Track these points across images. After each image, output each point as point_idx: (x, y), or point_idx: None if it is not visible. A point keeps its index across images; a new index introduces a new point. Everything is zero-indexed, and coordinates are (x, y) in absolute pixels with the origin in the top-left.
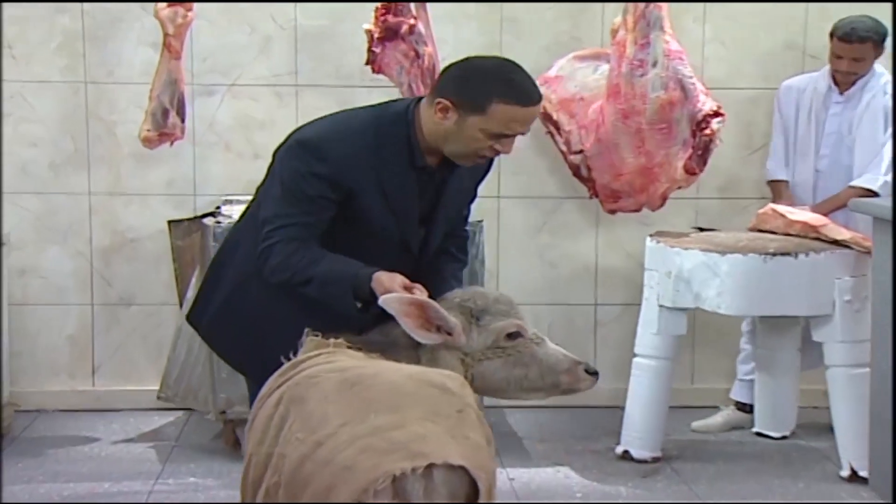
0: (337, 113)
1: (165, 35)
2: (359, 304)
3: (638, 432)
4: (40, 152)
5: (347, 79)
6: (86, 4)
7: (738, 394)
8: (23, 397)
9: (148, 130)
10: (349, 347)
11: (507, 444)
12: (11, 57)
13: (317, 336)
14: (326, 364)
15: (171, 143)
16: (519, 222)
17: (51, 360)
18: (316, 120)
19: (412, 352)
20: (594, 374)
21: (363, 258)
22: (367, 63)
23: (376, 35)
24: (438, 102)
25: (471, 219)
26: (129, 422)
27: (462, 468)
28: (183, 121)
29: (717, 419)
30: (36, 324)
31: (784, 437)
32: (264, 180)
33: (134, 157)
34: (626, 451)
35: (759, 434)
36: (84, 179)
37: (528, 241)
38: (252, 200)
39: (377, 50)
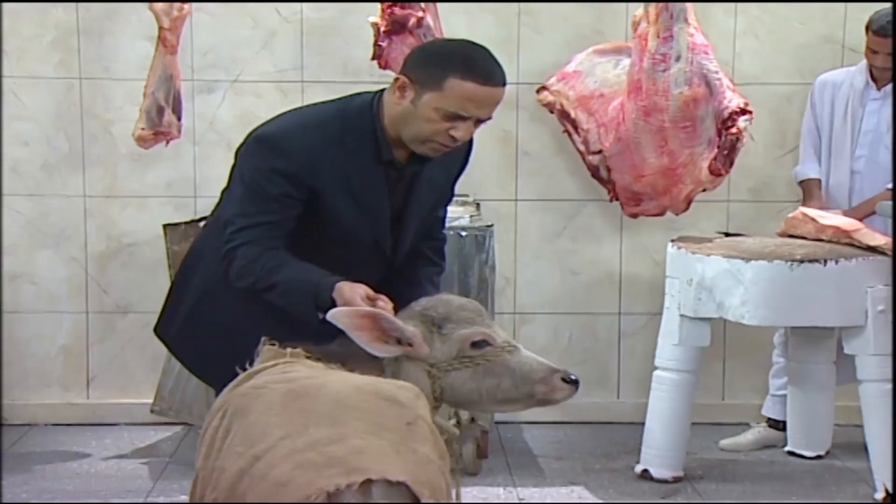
0: (299, 108)
1: (160, 29)
2: (321, 315)
3: (658, 450)
4: (33, 152)
5: (355, 74)
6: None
7: (770, 410)
8: (13, 410)
9: (142, 129)
10: (308, 357)
11: (521, 461)
12: (3, 51)
13: (274, 345)
14: (278, 374)
15: (167, 143)
16: (537, 226)
17: (43, 371)
18: (277, 116)
19: (375, 363)
20: (573, 382)
21: (335, 262)
22: (373, 58)
23: (383, 28)
24: (397, 80)
25: (480, 223)
26: (124, 437)
27: (404, 484)
28: (179, 119)
29: (748, 437)
30: (27, 332)
31: (818, 457)
32: (228, 182)
33: (131, 157)
34: (645, 470)
35: (791, 453)
36: (79, 180)
37: (548, 247)
38: (217, 205)
39: (384, 44)
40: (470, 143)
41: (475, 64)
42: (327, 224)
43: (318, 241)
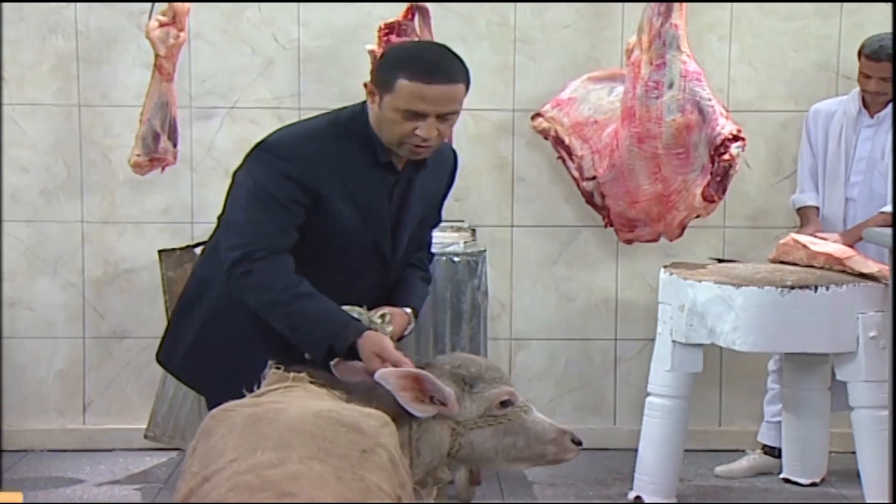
0: (295, 122)
1: (157, 56)
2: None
3: (651, 476)
4: (31, 178)
5: (352, 101)
6: (80, 25)
7: (765, 436)
8: (9, 436)
9: (138, 156)
10: (312, 382)
11: (514, 487)
12: (2, 78)
13: (279, 368)
14: (263, 398)
15: (163, 169)
16: (533, 252)
17: (39, 396)
18: (276, 130)
19: (388, 397)
20: (579, 443)
21: (337, 267)
22: None
23: (379, 56)
24: (366, 86)
25: (473, 248)
26: (119, 462)
27: None
28: (175, 145)
29: (742, 464)
30: (24, 358)
31: (814, 484)
32: (224, 208)
33: (129, 183)
34: (637, 497)
35: (786, 480)
36: (77, 207)
37: (543, 273)
38: (214, 231)
39: None
40: (455, 159)
41: (420, 64)
42: (329, 228)
43: (321, 248)
